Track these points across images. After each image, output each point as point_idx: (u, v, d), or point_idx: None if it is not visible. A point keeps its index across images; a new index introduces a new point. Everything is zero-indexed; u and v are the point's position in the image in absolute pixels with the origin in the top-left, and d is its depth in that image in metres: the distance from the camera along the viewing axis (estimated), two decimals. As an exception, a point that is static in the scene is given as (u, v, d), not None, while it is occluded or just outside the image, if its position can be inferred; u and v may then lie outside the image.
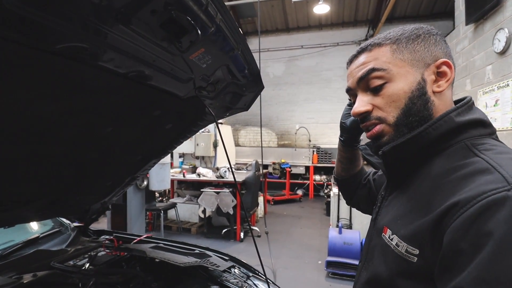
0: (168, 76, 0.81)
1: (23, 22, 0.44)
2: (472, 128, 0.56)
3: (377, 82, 0.59)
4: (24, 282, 1.11)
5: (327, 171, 8.24)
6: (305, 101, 8.96)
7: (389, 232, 0.58)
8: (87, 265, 1.31)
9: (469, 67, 4.76)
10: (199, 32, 0.59)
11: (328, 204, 5.92)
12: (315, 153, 8.23)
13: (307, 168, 8.30)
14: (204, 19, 0.60)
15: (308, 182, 8.27)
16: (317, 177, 8.32)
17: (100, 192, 1.50)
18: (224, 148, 0.99)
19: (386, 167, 0.65)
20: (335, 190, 4.16)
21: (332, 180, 5.49)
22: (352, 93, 0.66)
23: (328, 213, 5.86)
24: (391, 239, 0.56)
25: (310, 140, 8.86)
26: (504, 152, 0.50)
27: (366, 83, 0.61)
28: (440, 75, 0.59)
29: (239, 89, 1.12)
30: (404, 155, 0.59)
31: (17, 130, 0.77)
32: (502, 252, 0.39)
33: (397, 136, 0.59)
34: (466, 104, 0.57)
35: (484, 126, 0.57)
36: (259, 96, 1.32)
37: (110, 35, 0.54)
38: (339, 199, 4.06)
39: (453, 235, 0.44)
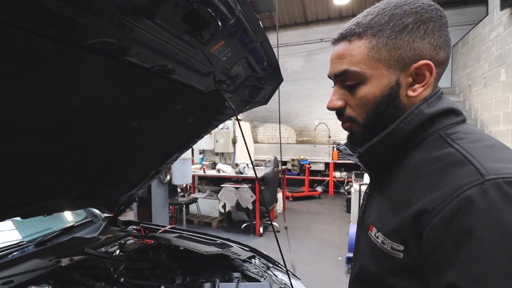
0: (190, 69, 0.85)
1: (58, 18, 0.49)
2: (443, 117, 0.55)
3: (351, 82, 0.58)
4: (62, 265, 1.20)
5: (347, 167, 8.11)
6: (325, 96, 8.83)
7: (374, 230, 0.58)
8: (118, 251, 1.40)
9: (504, 55, 4.48)
10: (220, 24, 0.62)
11: (348, 201, 5.83)
12: (335, 149, 8.10)
13: (326, 164, 8.20)
14: (224, 11, 0.63)
15: (327, 178, 8.17)
16: (337, 174, 8.21)
17: (127, 184, 1.59)
18: (244, 143, 1.02)
19: (365, 166, 0.65)
20: (356, 186, 4.10)
21: (353, 177, 5.40)
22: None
23: (348, 210, 5.78)
24: (377, 237, 0.56)
25: (330, 136, 8.74)
26: (477, 140, 0.50)
27: (341, 80, 0.60)
28: (418, 76, 0.55)
29: (258, 82, 1.14)
30: (380, 153, 0.59)
31: (53, 125, 0.84)
32: (485, 249, 0.39)
33: (365, 137, 0.60)
34: (434, 95, 0.56)
35: (455, 114, 0.56)
36: (277, 91, 1.34)
37: (136, 30, 0.58)
38: (360, 195, 3.99)
39: (434, 232, 0.44)
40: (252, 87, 1.18)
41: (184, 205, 4.58)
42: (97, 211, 1.85)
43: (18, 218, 1.26)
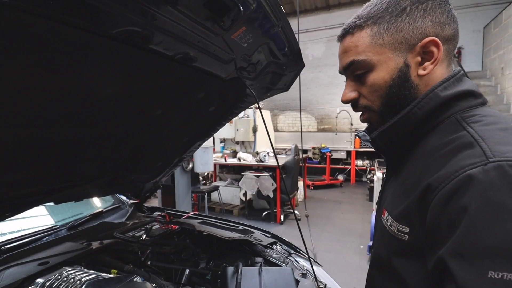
0: (211, 57, 0.84)
1: (87, 8, 0.50)
2: (461, 100, 0.53)
3: (359, 71, 0.59)
4: (93, 248, 1.27)
5: (370, 155, 7.90)
6: (347, 83, 8.57)
7: (386, 213, 0.58)
8: (144, 236, 1.46)
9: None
10: (241, 9, 0.61)
11: (371, 189, 5.72)
12: (357, 137, 7.91)
13: (348, 153, 8.04)
14: (245, -4, 0.61)
15: (349, 167, 8.03)
16: (359, 162, 8.04)
17: (152, 172, 1.64)
18: (266, 130, 1.01)
19: (379, 152, 0.65)
20: (378, 174, 4.00)
21: (376, 165, 5.27)
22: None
23: (370, 199, 5.68)
24: (387, 220, 0.57)
25: (352, 124, 8.53)
26: (492, 123, 0.49)
27: (351, 72, 0.61)
28: (426, 54, 0.55)
29: (279, 68, 1.12)
30: (394, 138, 0.59)
31: (82, 113, 0.87)
32: (475, 227, 0.40)
33: (383, 123, 0.60)
34: (453, 77, 0.54)
35: (474, 96, 0.54)
36: (298, 78, 1.32)
37: (159, 17, 0.58)
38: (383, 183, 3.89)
39: (433, 211, 0.45)
40: (273, 73, 1.16)
41: (206, 193, 4.69)
42: (124, 198, 1.93)
43: (52, 204, 1.34)
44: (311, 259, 1.26)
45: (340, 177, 7.86)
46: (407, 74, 0.55)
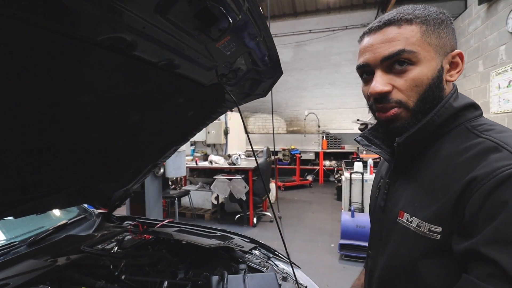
0: (194, 64, 0.83)
1: (74, 15, 0.47)
2: (466, 111, 0.60)
3: (403, 63, 0.57)
4: (59, 264, 1.17)
5: (336, 156, 8.24)
6: (314, 87, 8.86)
7: (406, 215, 0.60)
8: (116, 248, 1.38)
9: (481, 47, 4.65)
10: (230, 20, 0.60)
11: (338, 188, 5.95)
12: (324, 138, 8.22)
13: (316, 154, 8.31)
14: (233, 8, 0.62)
15: (318, 167, 8.29)
16: (327, 163, 8.34)
17: (124, 179, 1.56)
18: (246, 133, 1.01)
19: (398, 156, 0.66)
20: (346, 174, 4.18)
21: (343, 165, 5.49)
22: (366, 70, 0.63)
23: (339, 198, 5.90)
24: (411, 222, 0.58)
25: (319, 126, 8.82)
26: (503, 131, 0.56)
27: (391, 63, 0.58)
28: (452, 65, 0.61)
29: (258, 75, 1.14)
30: (413, 143, 0.62)
31: (58, 120, 0.80)
32: None
33: (413, 122, 0.60)
34: (456, 91, 0.62)
35: (475, 108, 0.62)
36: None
37: (148, 26, 0.56)
38: (351, 183, 4.08)
39: (472, 207, 0.49)
40: (253, 80, 1.17)
41: (176, 198, 4.56)
42: (90, 207, 1.81)
43: (10, 218, 1.22)
44: (291, 262, 1.28)
45: (309, 178, 8.08)
46: (441, 76, 0.60)
